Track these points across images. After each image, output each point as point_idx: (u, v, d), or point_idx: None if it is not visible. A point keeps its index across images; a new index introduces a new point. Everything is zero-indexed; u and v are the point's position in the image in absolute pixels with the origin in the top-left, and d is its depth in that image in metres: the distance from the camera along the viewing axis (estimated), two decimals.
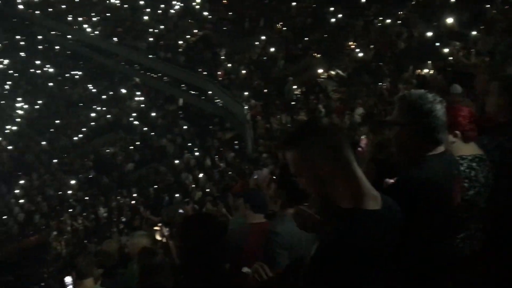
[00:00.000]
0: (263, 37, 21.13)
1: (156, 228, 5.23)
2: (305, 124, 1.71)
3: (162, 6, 27.51)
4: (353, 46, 17.55)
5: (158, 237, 4.97)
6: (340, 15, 19.24)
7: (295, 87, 17.68)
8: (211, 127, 19.86)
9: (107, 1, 29.89)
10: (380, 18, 17.56)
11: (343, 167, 1.49)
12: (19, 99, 28.62)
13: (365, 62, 16.34)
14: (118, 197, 17.98)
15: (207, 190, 14.61)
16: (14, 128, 26.63)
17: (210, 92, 20.05)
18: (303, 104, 16.52)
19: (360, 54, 16.70)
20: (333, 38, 18.89)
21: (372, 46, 16.69)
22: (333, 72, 17.13)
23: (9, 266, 15.28)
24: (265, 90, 18.96)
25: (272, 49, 20.31)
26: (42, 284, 14.65)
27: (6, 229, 19.03)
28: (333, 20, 19.34)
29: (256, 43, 21.25)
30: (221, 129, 19.31)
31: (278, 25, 21.67)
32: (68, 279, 3.95)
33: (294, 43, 20.05)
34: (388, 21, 17.06)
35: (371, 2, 18.66)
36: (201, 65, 22.02)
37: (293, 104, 17.13)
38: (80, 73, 29.03)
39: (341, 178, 1.48)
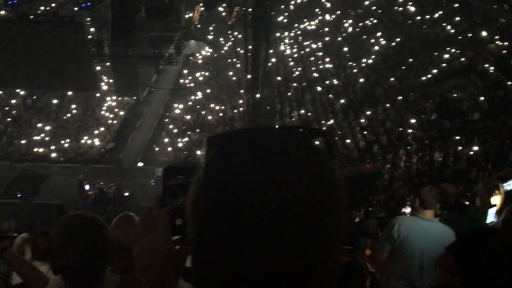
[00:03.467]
0: None
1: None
2: None
3: None
4: None
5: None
6: None
7: None
8: None
9: None
10: None
11: None
12: (379, 34, 30.32)
13: None
14: (456, 144, 17.30)
15: None
16: (370, 61, 28.55)
17: None
18: None
19: None
20: None
21: None
22: None
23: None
24: None
25: None
26: (370, 208, 15.94)
27: (348, 152, 21.20)
28: None
29: None
30: None
31: None
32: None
33: None
34: None
35: None
36: None
37: None
38: (440, 12, 28.32)
39: None
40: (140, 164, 24.36)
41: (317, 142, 0.68)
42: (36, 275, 2.35)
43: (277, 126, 0.71)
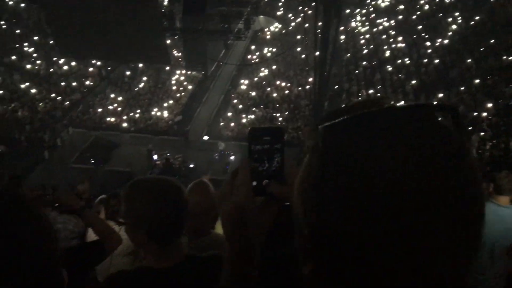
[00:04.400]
0: None
1: None
2: None
3: None
4: None
5: None
6: None
7: None
8: None
9: None
10: None
11: None
12: (457, 13, 28.65)
13: None
14: None
15: None
16: (445, 41, 27.09)
17: None
18: None
19: None
20: None
21: None
22: None
23: None
24: None
25: None
26: None
27: None
28: None
29: None
30: None
31: None
32: None
33: None
34: None
35: None
36: None
37: None
38: None
39: None
40: (205, 137, 24.93)
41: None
42: (111, 233, 2.46)
43: (396, 105, 0.63)
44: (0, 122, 23.33)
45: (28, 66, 27.84)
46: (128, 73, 29.99)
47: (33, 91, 26.12)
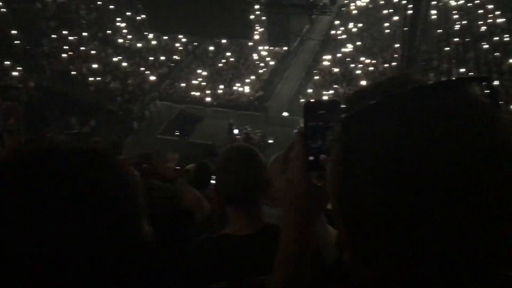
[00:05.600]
0: None
1: None
2: None
3: None
4: None
5: None
6: None
7: None
8: None
9: None
10: None
11: None
12: None
13: None
14: None
15: None
16: None
17: None
18: None
19: None
20: None
21: None
22: None
23: None
24: None
25: None
26: None
27: None
28: None
29: None
30: None
31: None
32: None
33: None
34: None
35: None
36: None
37: None
38: None
39: None
40: (285, 113, 24.95)
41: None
42: (200, 202, 2.55)
43: (422, 85, 0.57)
44: (95, 93, 24.98)
45: (120, 41, 29.35)
46: (212, 48, 30.61)
47: (124, 64, 27.57)
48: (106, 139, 16.53)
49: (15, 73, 22.95)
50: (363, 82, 25.95)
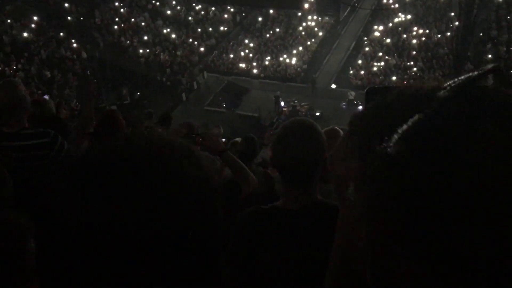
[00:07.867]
0: None
1: None
2: None
3: None
4: None
5: None
6: None
7: None
8: None
9: None
10: None
11: None
12: None
13: None
14: None
15: None
16: None
17: None
18: None
19: None
20: None
21: None
22: None
23: None
24: None
25: None
26: None
27: None
28: None
29: None
30: None
31: None
32: None
33: None
34: None
35: None
36: None
37: None
38: None
39: None
40: (333, 86, 24.53)
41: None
42: (248, 175, 2.59)
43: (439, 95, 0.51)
44: (145, 65, 25.45)
45: (169, 12, 29.58)
46: (260, 19, 30.30)
47: (173, 36, 27.84)
48: (156, 110, 16.94)
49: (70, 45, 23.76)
50: (416, 53, 25.05)
